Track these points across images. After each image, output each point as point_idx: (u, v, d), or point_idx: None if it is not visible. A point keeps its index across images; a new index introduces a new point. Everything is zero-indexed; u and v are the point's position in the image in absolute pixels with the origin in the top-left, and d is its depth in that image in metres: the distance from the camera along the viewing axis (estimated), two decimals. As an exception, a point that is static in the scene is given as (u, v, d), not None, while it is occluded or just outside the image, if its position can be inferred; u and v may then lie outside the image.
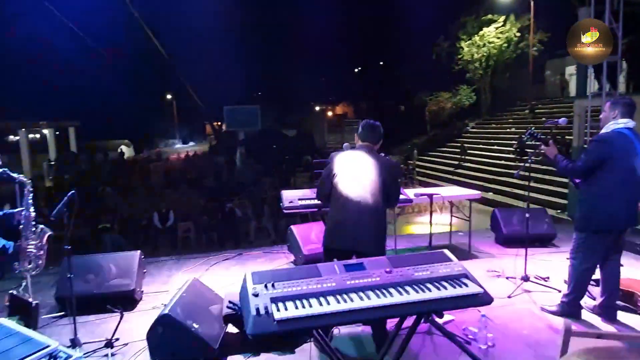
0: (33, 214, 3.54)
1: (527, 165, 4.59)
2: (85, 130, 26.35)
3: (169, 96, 35.62)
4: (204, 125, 32.48)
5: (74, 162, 20.91)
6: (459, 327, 3.87)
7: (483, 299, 2.18)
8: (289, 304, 2.06)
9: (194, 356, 3.39)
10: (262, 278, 2.21)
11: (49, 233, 3.70)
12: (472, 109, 22.22)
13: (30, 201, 3.50)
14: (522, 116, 19.88)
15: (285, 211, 4.27)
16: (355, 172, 3.37)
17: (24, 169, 20.67)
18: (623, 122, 3.60)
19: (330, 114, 31.10)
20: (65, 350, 1.62)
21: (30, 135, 24.46)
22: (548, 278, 4.92)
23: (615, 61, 7.38)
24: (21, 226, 3.39)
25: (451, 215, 6.61)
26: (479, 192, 6.32)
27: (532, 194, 6.68)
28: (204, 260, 6.17)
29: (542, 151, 3.93)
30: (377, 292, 2.16)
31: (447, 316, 4.12)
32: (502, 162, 16.34)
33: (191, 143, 32.25)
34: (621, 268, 3.97)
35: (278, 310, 2.01)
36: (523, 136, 4.85)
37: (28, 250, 3.41)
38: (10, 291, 3.83)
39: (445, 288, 2.20)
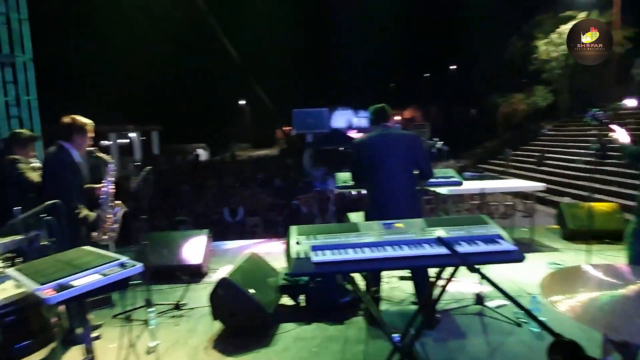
0: (112, 191, 3.93)
1: (593, 152, 4.41)
2: (166, 135, 28.41)
3: (242, 102, 37.33)
4: (274, 130, 33.63)
5: (156, 163, 22.57)
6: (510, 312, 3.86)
7: (514, 256, 2.22)
8: (327, 252, 2.25)
9: (249, 318, 3.68)
10: (305, 231, 2.42)
11: (125, 209, 4.12)
12: (548, 110, 21.07)
13: (112, 179, 3.91)
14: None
15: (337, 190, 4.52)
16: (381, 151, 3.66)
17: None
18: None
19: (398, 117, 30.92)
20: (133, 262, 1.94)
21: (119, 140, 26.77)
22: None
23: None
24: (101, 200, 3.79)
25: (515, 210, 6.45)
26: (543, 184, 6.11)
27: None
28: (266, 244, 6.52)
29: (610, 136, 3.75)
30: (411, 246, 2.29)
31: (500, 301, 4.10)
32: (581, 165, 15.37)
33: (262, 147, 33.51)
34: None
35: (316, 255, 2.20)
36: (603, 139, 4.57)
37: (105, 222, 3.80)
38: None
39: (477, 245, 2.28)
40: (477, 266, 2.05)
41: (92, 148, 3.82)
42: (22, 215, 2.41)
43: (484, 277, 2.04)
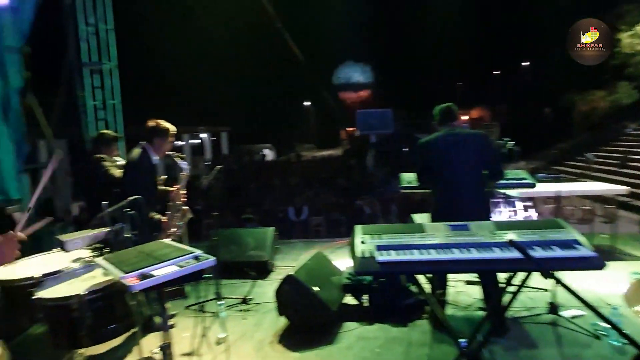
0: (183, 198, 4.11)
1: None
2: (235, 135, 29.50)
3: (307, 103, 37.87)
4: (338, 131, 33.81)
5: (225, 163, 23.49)
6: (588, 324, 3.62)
7: (594, 263, 2.09)
8: (392, 252, 2.24)
9: (314, 315, 3.74)
10: (370, 230, 2.43)
11: (191, 216, 4.32)
12: (632, 108, 19.42)
13: (184, 184, 4.12)
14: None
15: (402, 191, 4.45)
16: (448, 152, 3.57)
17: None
18: None
19: (465, 117, 29.88)
20: (206, 255, 2.05)
21: (191, 141, 28.15)
22: None
23: None
24: (171, 204, 4.00)
25: (594, 215, 6.03)
26: (626, 187, 5.67)
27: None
28: (331, 243, 6.59)
29: None
30: (480, 249, 2.23)
31: (576, 311, 3.86)
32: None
33: (326, 147, 33.79)
34: None
35: (381, 255, 2.21)
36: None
37: (170, 225, 3.99)
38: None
39: (552, 250, 2.17)
40: (547, 275, 1.95)
41: (172, 152, 4.04)
42: (109, 209, 2.63)
43: (561, 284, 1.94)
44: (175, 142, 4.22)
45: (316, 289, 3.78)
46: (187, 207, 4.19)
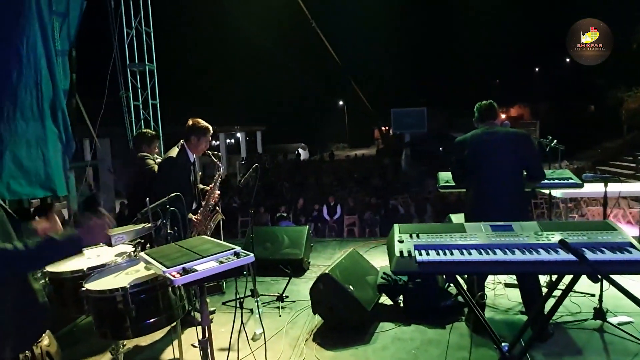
0: (217, 198, 4.18)
1: None
2: (269, 134, 29.88)
3: (340, 102, 37.86)
4: (372, 130, 33.62)
5: (259, 162, 23.81)
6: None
7: (648, 267, 1.99)
8: (431, 252, 2.20)
9: (348, 314, 3.72)
10: (409, 229, 2.39)
11: (222, 217, 4.38)
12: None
13: (218, 184, 4.18)
14: None
15: (440, 190, 4.37)
16: (486, 150, 3.48)
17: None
18: None
19: (503, 116, 29.08)
20: (245, 252, 2.08)
21: (227, 140, 28.67)
22: None
23: None
24: (205, 203, 4.07)
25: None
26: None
27: None
28: (365, 243, 6.54)
29: None
30: (524, 250, 2.15)
31: (625, 317, 3.69)
32: None
33: (360, 146, 33.67)
34: None
35: (420, 255, 2.17)
36: None
37: (202, 225, 4.01)
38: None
39: (603, 253, 2.07)
40: (604, 278, 1.86)
41: (209, 151, 4.12)
42: (152, 205, 2.70)
43: (617, 287, 1.84)
44: (212, 142, 4.28)
45: (351, 287, 3.76)
46: (219, 209, 4.22)
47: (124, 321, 2.24)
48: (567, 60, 30.74)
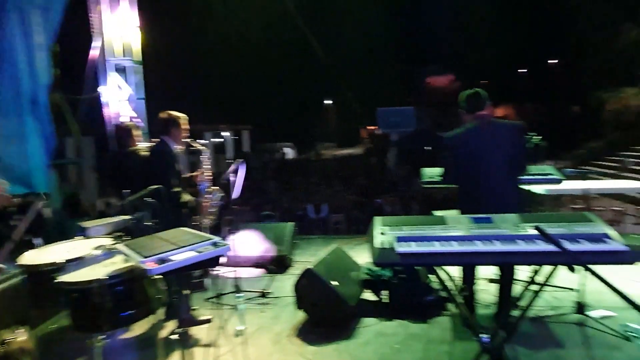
0: (208, 177, 4.19)
1: None
2: (256, 134, 29.72)
3: (327, 101, 37.84)
4: (359, 130, 33.66)
5: (246, 161, 23.65)
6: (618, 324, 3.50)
7: (626, 257, 1.99)
8: (412, 243, 2.19)
9: (332, 310, 3.71)
10: (390, 222, 2.39)
11: (222, 194, 4.37)
12: (666, 106, 18.78)
13: (207, 166, 4.17)
14: None
15: (424, 186, 4.36)
16: (480, 146, 3.39)
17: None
18: None
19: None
20: (224, 242, 2.06)
21: (213, 139, 28.44)
22: None
23: None
24: (199, 187, 4.08)
25: (625, 215, 5.84)
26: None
27: None
28: (350, 240, 6.54)
29: None
30: (503, 241, 2.15)
31: (605, 312, 3.74)
32: None
33: (346, 146, 33.70)
34: None
35: (401, 246, 2.16)
36: None
37: (204, 206, 4.08)
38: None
39: (580, 244, 2.08)
40: (584, 267, 1.87)
41: (189, 140, 4.11)
42: (130, 198, 2.66)
43: (597, 277, 1.85)
44: (198, 141, 4.29)
45: (335, 283, 3.75)
46: (217, 187, 4.25)
47: (99, 314, 2.20)
48: (553, 61, 31.22)
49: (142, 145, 4.47)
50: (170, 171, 3.75)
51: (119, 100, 6.86)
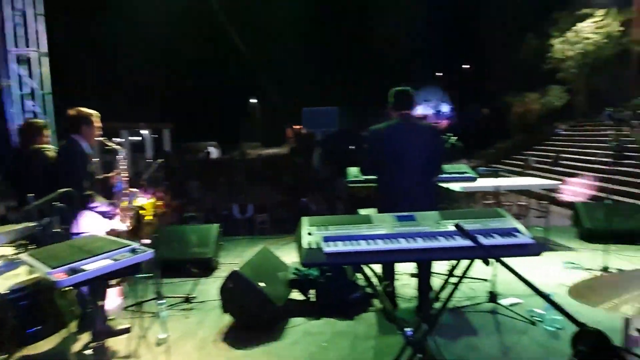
0: (125, 178, 3.94)
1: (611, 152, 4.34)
2: (178, 132, 28.59)
3: (253, 101, 37.42)
4: (284, 129, 33.66)
5: (166, 161, 22.69)
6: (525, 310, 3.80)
7: (532, 249, 2.17)
8: (339, 243, 2.21)
9: (259, 312, 3.66)
10: (317, 222, 2.39)
11: (140, 195, 4.13)
12: (563, 111, 20.78)
13: (123, 166, 3.92)
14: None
15: (348, 185, 4.44)
16: (401, 144, 3.52)
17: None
18: None
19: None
20: (144, 248, 1.93)
21: (131, 137, 26.93)
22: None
23: None
24: (115, 188, 3.82)
25: (529, 209, 6.36)
26: (557, 181, 6.02)
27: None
28: (276, 240, 6.51)
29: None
30: (425, 238, 2.25)
31: (513, 299, 4.04)
32: (597, 166, 15.12)
33: (272, 145, 33.56)
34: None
35: (328, 246, 2.17)
36: (620, 139, 4.59)
37: (121, 213, 3.81)
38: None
39: (494, 238, 2.23)
40: (496, 260, 1.99)
41: (102, 138, 3.84)
42: (35, 202, 2.42)
43: (508, 268, 1.97)
44: (114, 139, 4.01)
45: (262, 284, 3.70)
46: (135, 188, 3.99)
47: (2, 331, 1.98)
48: (465, 67, 33.39)
49: (49, 146, 4.10)
50: (81, 172, 3.47)
51: (20, 94, 6.25)
